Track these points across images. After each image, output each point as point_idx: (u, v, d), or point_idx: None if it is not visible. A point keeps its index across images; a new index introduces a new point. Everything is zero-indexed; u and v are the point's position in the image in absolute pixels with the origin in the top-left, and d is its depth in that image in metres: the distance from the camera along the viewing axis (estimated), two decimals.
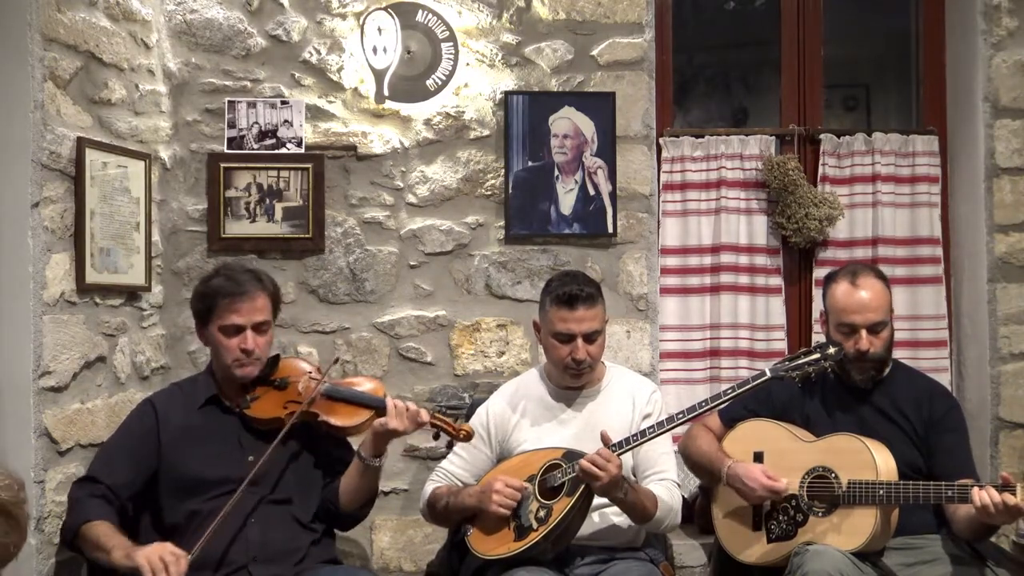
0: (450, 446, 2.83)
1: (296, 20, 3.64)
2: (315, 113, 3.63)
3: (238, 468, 2.68)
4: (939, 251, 3.82)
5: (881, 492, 2.71)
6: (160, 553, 2.42)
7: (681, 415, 2.75)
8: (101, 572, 2.78)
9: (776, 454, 2.92)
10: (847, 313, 2.90)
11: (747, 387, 2.77)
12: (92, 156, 3.00)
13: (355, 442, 2.88)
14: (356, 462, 2.78)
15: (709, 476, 3.02)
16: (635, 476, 2.88)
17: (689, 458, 3.08)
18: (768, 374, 2.75)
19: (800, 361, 2.75)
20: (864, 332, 2.88)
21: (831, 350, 2.75)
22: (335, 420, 2.76)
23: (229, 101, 3.60)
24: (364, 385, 2.87)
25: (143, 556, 2.41)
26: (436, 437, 2.78)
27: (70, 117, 2.94)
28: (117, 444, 2.77)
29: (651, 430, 2.75)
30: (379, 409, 2.75)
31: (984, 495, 2.55)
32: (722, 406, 2.93)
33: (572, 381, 2.92)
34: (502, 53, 3.67)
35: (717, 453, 2.96)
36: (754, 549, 2.89)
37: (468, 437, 2.77)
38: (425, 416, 2.72)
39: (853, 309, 2.90)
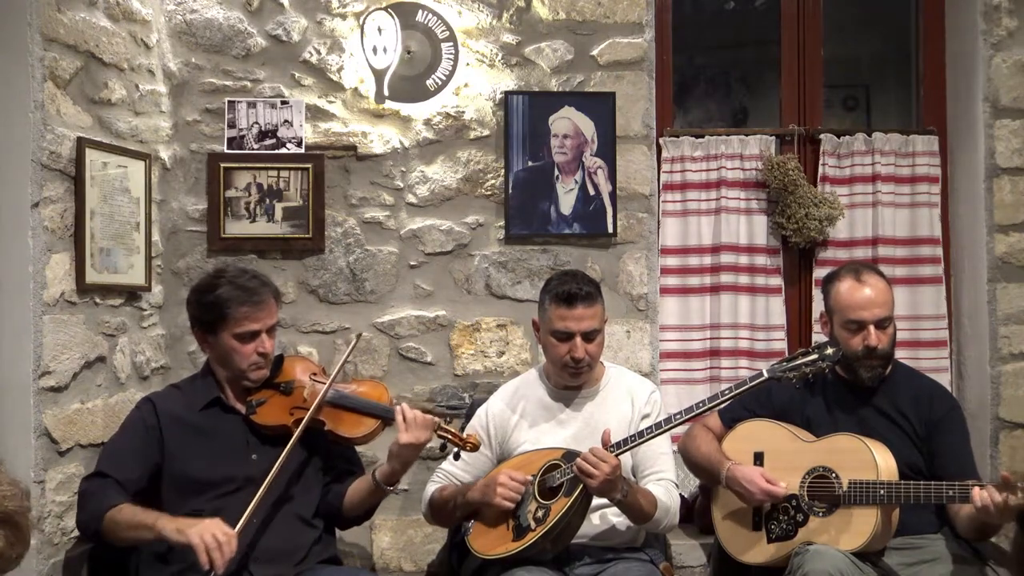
0: (457, 456, 2.81)
1: (296, 20, 3.64)
2: (315, 113, 3.63)
3: (242, 467, 2.68)
4: (939, 251, 3.82)
5: (882, 492, 2.71)
6: (212, 531, 2.41)
7: (679, 415, 2.75)
8: (103, 572, 2.79)
9: (776, 454, 2.92)
10: (854, 309, 2.90)
11: (745, 388, 2.77)
12: (92, 156, 3.00)
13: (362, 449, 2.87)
14: (369, 481, 2.76)
15: (709, 477, 3.02)
16: (634, 476, 2.88)
17: (689, 459, 3.08)
18: (766, 375, 2.75)
19: (798, 362, 2.74)
20: (872, 328, 2.87)
21: (829, 351, 2.74)
22: (342, 431, 2.74)
23: (229, 101, 3.60)
24: (368, 388, 2.84)
25: (196, 535, 2.41)
26: (443, 448, 2.76)
27: (70, 117, 2.94)
28: (121, 441, 2.76)
29: (649, 430, 2.75)
30: (386, 418, 2.74)
31: (984, 495, 2.55)
32: (721, 407, 2.93)
33: (571, 380, 2.92)
34: (502, 53, 3.67)
35: (717, 455, 2.95)
36: (754, 549, 2.89)
37: (475, 447, 2.75)
38: (433, 418, 2.70)
39: (860, 305, 2.90)
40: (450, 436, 2.71)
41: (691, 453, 3.05)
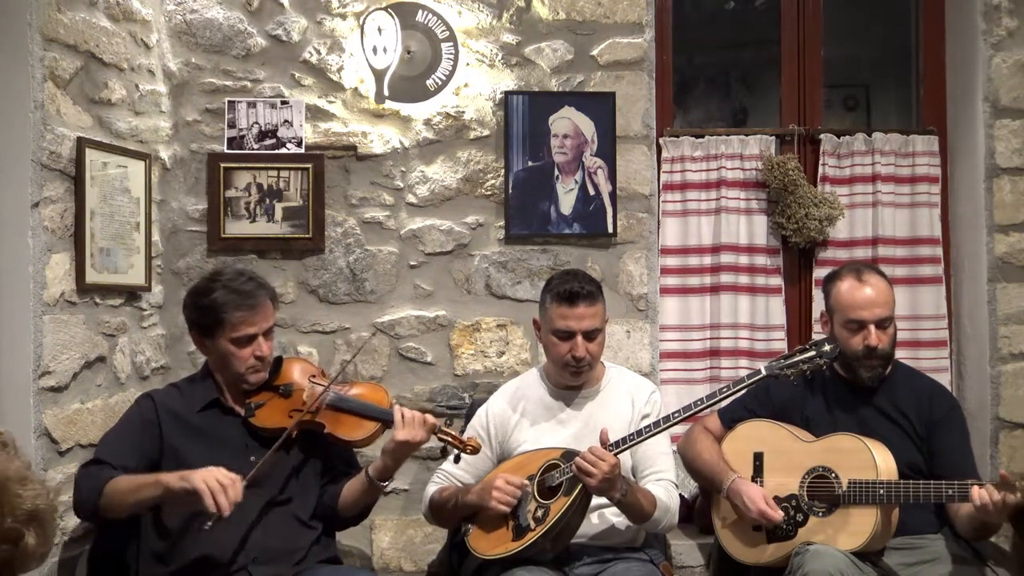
0: (457, 459, 2.81)
1: (296, 20, 3.64)
2: (315, 113, 3.63)
3: (242, 470, 2.66)
4: (939, 251, 3.82)
5: (881, 492, 2.71)
6: (216, 476, 2.40)
7: (677, 414, 2.75)
8: (103, 572, 2.79)
9: (776, 454, 2.92)
10: (855, 309, 2.90)
11: (743, 385, 2.77)
12: (92, 156, 3.00)
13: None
14: (362, 479, 2.75)
15: (709, 485, 3.02)
16: (634, 476, 2.88)
17: (689, 463, 3.08)
18: (764, 372, 2.75)
19: (796, 359, 2.74)
20: (873, 328, 2.87)
21: (826, 348, 2.74)
22: (341, 434, 2.73)
23: (229, 101, 3.60)
24: (368, 390, 2.84)
25: (200, 479, 2.39)
26: (444, 452, 2.75)
27: (70, 117, 2.94)
28: (119, 432, 2.75)
29: (647, 429, 2.75)
30: (386, 421, 2.73)
31: (983, 494, 2.55)
32: (720, 406, 2.93)
33: (571, 379, 2.92)
34: (502, 53, 3.67)
35: (720, 465, 2.94)
36: (754, 549, 2.89)
37: (476, 450, 2.74)
38: (432, 419, 2.70)
39: (861, 305, 2.89)
40: (450, 439, 2.71)
41: (692, 459, 3.05)
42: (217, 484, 2.38)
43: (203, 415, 2.76)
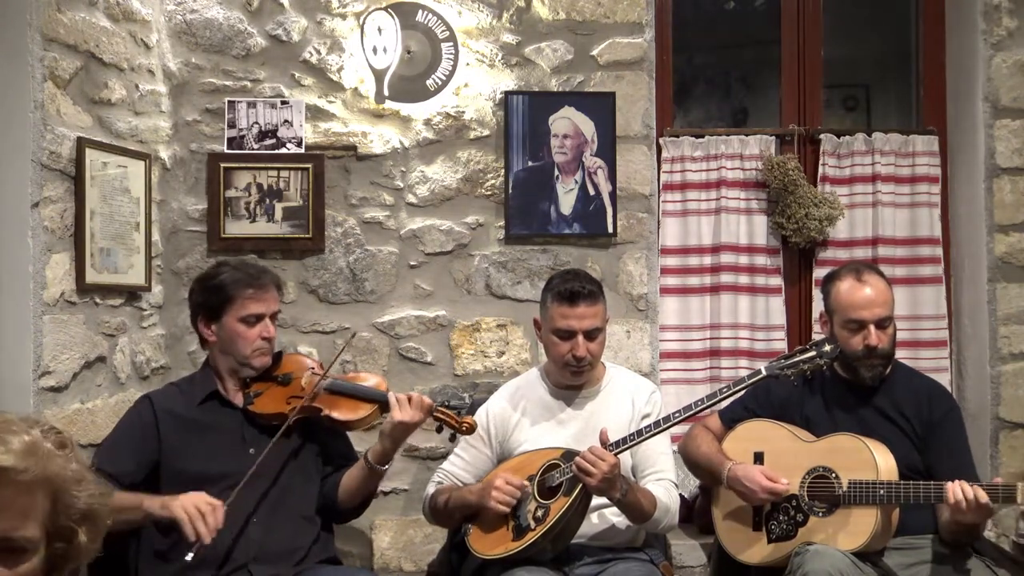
0: (453, 439, 2.82)
1: (296, 20, 3.64)
2: (315, 113, 3.63)
3: (240, 462, 2.68)
4: (939, 251, 3.82)
5: (882, 492, 2.71)
6: (195, 502, 2.40)
7: (677, 414, 2.75)
8: (103, 572, 2.78)
9: (776, 454, 2.92)
10: (855, 309, 2.90)
11: (743, 385, 2.77)
12: (92, 156, 3.01)
13: (356, 437, 2.87)
14: (361, 465, 2.77)
15: (709, 478, 3.02)
16: (634, 476, 2.87)
17: (689, 459, 3.08)
18: (764, 372, 2.75)
19: (796, 359, 2.74)
20: (873, 328, 2.87)
21: (827, 348, 2.74)
22: (338, 415, 2.75)
23: (229, 101, 3.60)
24: (368, 380, 2.86)
25: (180, 507, 2.39)
26: (439, 431, 2.78)
27: (70, 117, 2.94)
28: (117, 437, 2.76)
29: (648, 429, 2.75)
30: (382, 403, 2.75)
31: (957, 489, 2.55)
32: (721, 406, 2.93)
33: (572, 379, 2.92)
34: (502, 53, 3.67)
35: (717, 455, 2.95)
36: (754, 549, 2.89)
37: (471, 429, 2.75)
38: (428, 400, 2.72)
39: (861, 304, 2.89)
40: (446, 417, 2.73)
41: (691, 454, 3.05)
42: (196, 511, 2.37)
43: (202, 408, 2.78)
